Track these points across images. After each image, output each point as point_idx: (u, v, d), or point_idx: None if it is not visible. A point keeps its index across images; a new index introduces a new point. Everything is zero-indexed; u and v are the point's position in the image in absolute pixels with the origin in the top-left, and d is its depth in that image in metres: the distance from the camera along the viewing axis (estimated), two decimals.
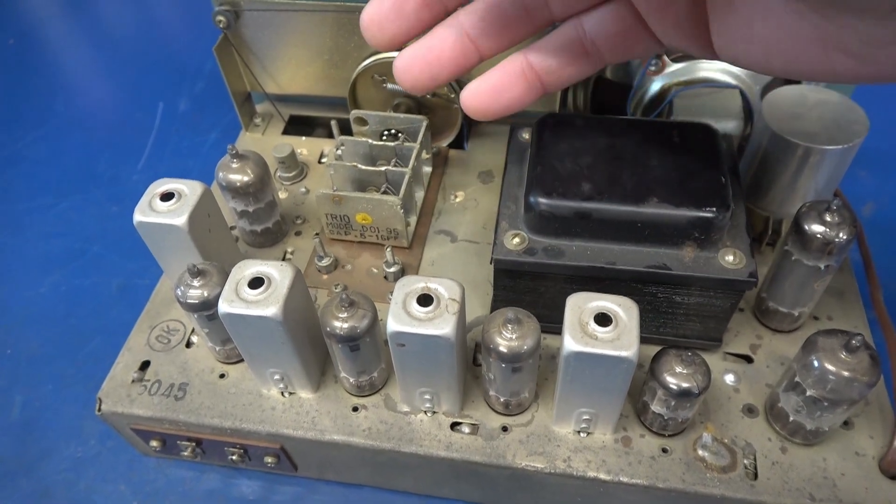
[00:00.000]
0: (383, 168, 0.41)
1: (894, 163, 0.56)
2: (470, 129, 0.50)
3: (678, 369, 0.30)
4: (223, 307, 0.31)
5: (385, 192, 0.41)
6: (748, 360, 0.36)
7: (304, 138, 0.51)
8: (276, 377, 0.35)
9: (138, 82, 0.71)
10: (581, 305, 0.29)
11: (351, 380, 0.35)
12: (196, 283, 0.33)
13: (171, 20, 0.79)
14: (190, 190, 0.36)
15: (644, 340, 0.36)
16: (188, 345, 0.39)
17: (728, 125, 0.40)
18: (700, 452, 0.33)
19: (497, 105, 0.28)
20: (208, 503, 0.39)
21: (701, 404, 0.34)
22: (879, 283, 0.38)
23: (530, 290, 0.35)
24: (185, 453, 0.38)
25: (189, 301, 0.33)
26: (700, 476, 0.32)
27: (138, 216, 0.35)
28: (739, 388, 0.35)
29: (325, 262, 0.41)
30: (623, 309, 0.29)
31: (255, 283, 0.31)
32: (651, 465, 0.32)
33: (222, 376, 0.37)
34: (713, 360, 0.36)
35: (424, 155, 0.46)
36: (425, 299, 0.30)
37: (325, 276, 0.41)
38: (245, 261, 0.32)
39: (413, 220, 0.43)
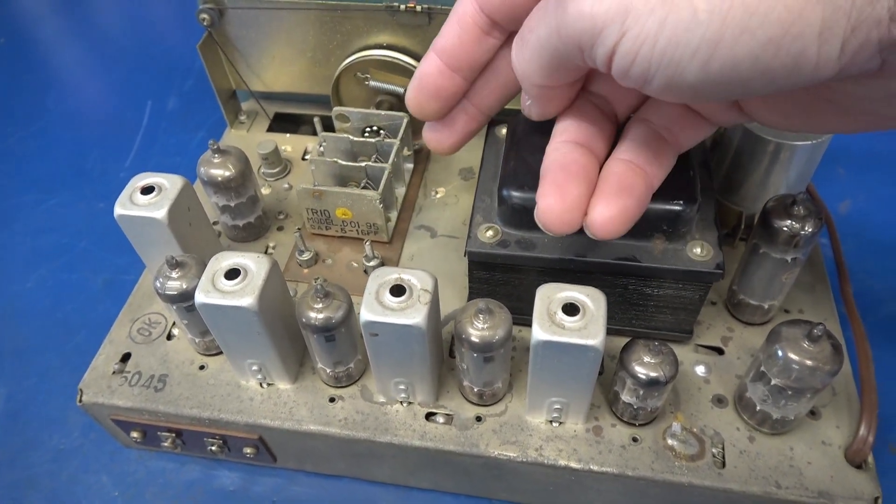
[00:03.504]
0: (363, 164, 0.42)
1: (872, 161, 0.56)
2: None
3: (646, 359, 0.31)
4: (199, 297, 0.31)
5: (365, 188, 0.42)
6: (719, 351, 0.37)
7: (288, 135, 0.51)
8: (254, 368, 0.35)
9: (128, 80, 0.71)
10: (550, 296, 0.30)
11: (328, 371, 0.35)
12: (174, 274, 0.34)
13: (162, 18, 0.80)
14: (170, 184, 0.36)
15: (618, 332, 0.37)
16: (169, 337, 0.39)
17: None
18: (669, 441, 0.33)
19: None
20: (188, 494, 0.40)
21: (671, 395, 0.35)
22: (849, 277, 0.38)
23: (505, 282, 0.36)
24: (166, 444, 0.38)
25: (167, 292, 0.34)
26: (669, 464, 0.32)
27: (119, 209, 0.36)
28: (710, 379, 0.35)
29: (306, 256, 0.42)
30: (591, 299, 0.30)
31: (232, 273, 0.32)
32: (621, 453, 0.33)
33: (202, 368, 0.38)
34: (685, 352, 0.37)
35: (406, 152, 0.46)
36: (398, 290, 0.31)
37: (305, 270, 0.42)
38: (222, 252, 0.33)
39: (394, 215, 0.44)
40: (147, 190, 0.36)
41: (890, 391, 0.42)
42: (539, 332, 0.29)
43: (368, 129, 0.45)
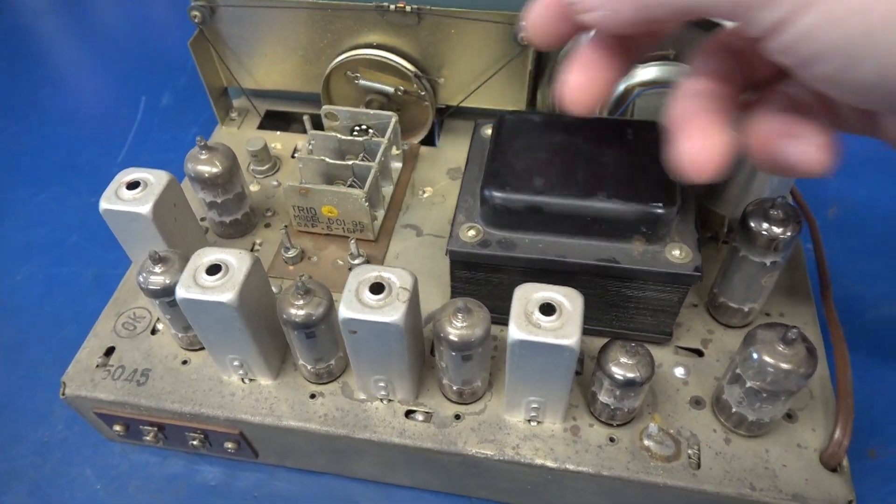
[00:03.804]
0: (350, 162, 0.42)
1: (862, 166, 0.56)
2: (441, 126, 0.51)
3: (623, 360, 0.31)
4: (180, 292, 0.31)
5: (351, 186, 0.42)
6: (699, 353, 0.37)
7: (278, 133, 0.52)
8: (236, 363, 0.35)
9: (123, 76, 0.72)
10: (528, 296, 0.30)
11: (309, 367, 0.35)
12: (158, 269, 0.34)
13: (158, 15, 0.80)
14: (156, 179, 0.37)
15: (598, 333, 0.37)
16: (153, 332, 0.39)
17: None
18: (646, 442, 0.33)
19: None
20: (170, 488, 0.40)
21: (650, 396, 0.35)
22: (832, 282, 0.38)
23: (486, 281, 0.36)
24: (148, 438, 0.38)
25: (150, 287, 0.34)
26: (644, 465, 0.33)
27: (104, 204, 0.36)
28: (688, 381, 0.36)
29: (292, 253, 0.42)
30: (568, 299, 0.30)
31: (213, 269, 0.32)
32: (598, 453, 0.33)
33: (185, 363, 0.38)
34: (665, 354, 0.37)
35: (394, 151, 0.47)
36: (377, 287, 0.31)
37: (291, 268, 0.42)
38: (204, 248, 0.33)
39: (380, 213, 0.44)
40: (133, 185, 0.36)
41: (872, 396, 0.43)
42: (515, 331, 0.29)
43: (357, 128, 0.46)
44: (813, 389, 0.35)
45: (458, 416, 0.35)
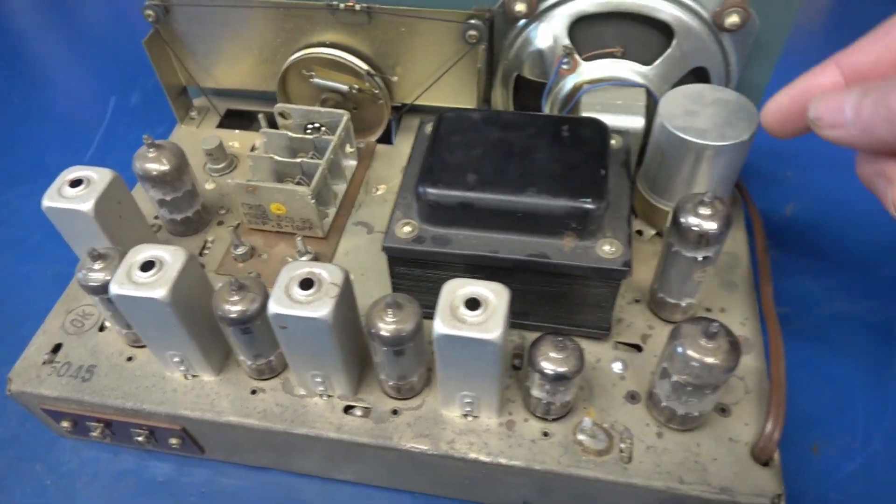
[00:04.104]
0: (299, 160, 0.42)
1: (820, 164, 0.57)
2: (399, 124, 0.51)
3: (552, 354, 0.31)
4: (114, 288, 0.32)
5: (299, 184, 0.43)
6: (638, 348, 0.37)
7: (237, 131, 0.52)
8: (176, 360, 0.36)
9: (94, 76, 0.72)
10: (455, 291, 0.30)
11: (248, 363, 0.36)
12: (97, 266, 0.34)
13: (132, 13, 0.80)
14: (99, 177, 0.37)
15: (537, 329, 0.37)
16: (101, 329, 0.40)
17: (635, 122, 0.41)
18: (579, 436, 0.34)
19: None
20: (119, 483, 0.40)
21: (586, 390, 0.35)
22: (771, 277, 0.39)
23: (425, 278, 0.36)
24: (94, 434, 0.39)
25: (90, 284, 0.34)
26: (576, 459, 0.33)
27: (46, 202, 0.36)
28: (625, 376, 0.36)
29: (241, 250, 0.42)
30: (494, 294, 0.30)
31: (147, 265, 0.32)
32: (531, 447, 0.33)
33: (129, 359, 0.38)
34: (604, 349, 0.37)
35: (348, 149, 0.47)
36: (307, 283, 0.31)
37: (240, 265, 0.42)
38: (140, 245, 0.33)
39: (332, 211, 0.44)
40: (76, 183, 0.37)
41: (819, 392, 0.43)
42: (440, 325, 0.29)
43: (310, 126, 0.46)
44: (748, 383, 0.36)
45: (395, 412, 0.35)
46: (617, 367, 0.36)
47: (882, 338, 0.45)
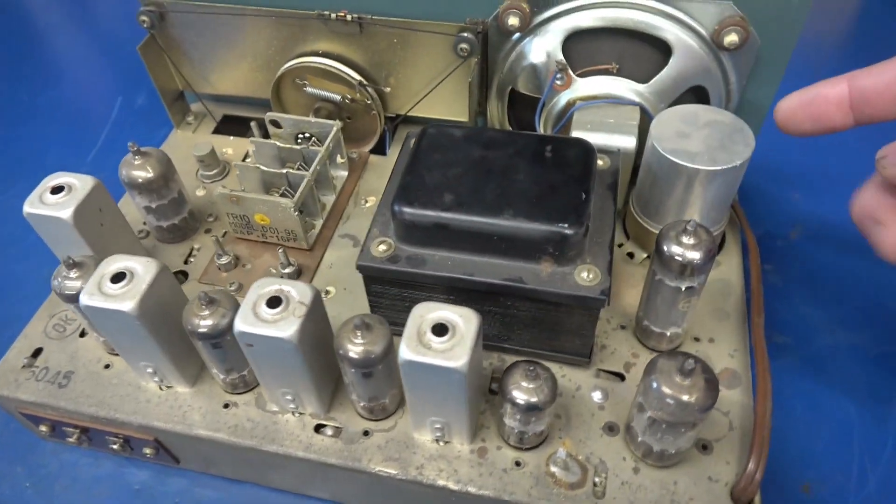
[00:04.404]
0: (285, 171, 0.42)
1: (828, 186, 0.55)
2: (393, 135, 0.51)
3: (524, 384, 0.30)
4: (84, 299, 0.32)
5: (283, 195, 0.42)
6: (621, 377, 0.36)
7: (231, 138, 0.52)
8: (149, 370, 0.36)
9: (105, 75, 0.73)
10: (423, 315, 0.30)
11: (221, 377, 0.35)
12: (73, 274, 0.34)
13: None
14: (81, 184, 0.37)
15: (517, 353, 0.36)
16: (82, 335, 0.40)
17: (627, 142, 0.40)
18: (552, 468, 0.33)
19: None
20: (95, 490, 0.40)
21: (563, 419, 0.34)
22: (763, 308, 0.37)
23: (401, 297, 0.35)
24: (71, 440, 0.39)
25: (66, 292, 0.34)
26: (547, 491, 0.32)
27: (27, 208, 0.36)
28: (605, 406, 0.35)
29: (225, 260, 0.42)
30: (464, 320, 0.29)
31: (118, 277, 0.32)
32: (501, 477, 0.32)
33: (107, 367, 0.38)
34: (586, 377, 0.36)
35: (340, 159, 0.46)
36: (274, 301, 0.31)
37: (224, 274, 0.42)
38: (114, 255, 0.33)
39: (318, 223, 0.44)
40: (57, 189, 0.37)
41: (816, 428, 0.41)
42: (405, 351, 0.28)
43: (301, 136, 0.46)
44: (732, 419, 0.34)
45: (366, 433, 0.34)
46: (597, 396, 0.35)
47: (885, 372, 0.44)
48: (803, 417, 0.42)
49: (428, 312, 0.30)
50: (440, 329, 0.29)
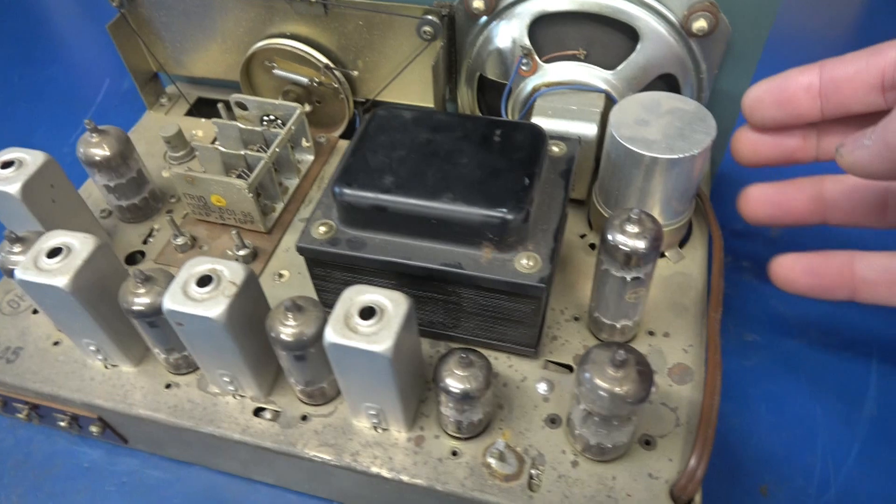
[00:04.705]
0: (243, 152, 0.42)
1: None
2: (362, 120, 0.50)
3: (457, 371, 0.30)
4: (19, 273, 0.31)
5: (240, 177, 0.42)
6: (570, 369, 0.35)
7: (203, 120, 0.51)
8: (92, 348, 0.35)
9: (96, 56, 0.73)
10: (353, 297, 0.29)
11: (162, 356, 0.35)
12: (15, 249, 0.34)
13: None
14: (32, 159, 0.37)
15: (464, 342, 0.36)
16: (35, 311, 0.40)
17: (588, 129, 0.39)
18: (488, 458, 0.32)
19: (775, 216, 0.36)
20: (45, 467, 0.40)
21: (506, 410, 0.33)
22: (721, 303, 0.36)
23: (344, 281, 0.35)
24: (21, 416, 0.39)
25: (7, 267, 0.34)
26: (481, 482, 0.31)
27: None
28: (550, 398, 0.34)
29: (181, 241, 0.42)
30: (393, 304, 0.29)
31: (54, 252, 0.32)
32: (436, 466, 0.32)
33: (56, 344, 0.38)
34: (533, 368, 0.35)
35: (304, 143, 0.46)
36: (205, 280, 0.30)
37: (180, 255, 0.42)
38: (53, 231, 0.33)
39: (279, 206, 0.44)
40: (7, 164, 0.37)
41: (779, 429, 0.40)
42: (330, 333, 0.28)
43: (266, 118, 0.45)
44: (680, 415, 0.33)
45: (304, 417, 0.34)
46: (542, 387, 0.34)
47: (855, 375, 0.42)
48: (767, 418, 0.40)
49: (357, 295, 0.29)
50: (368, 312, 0.28)
